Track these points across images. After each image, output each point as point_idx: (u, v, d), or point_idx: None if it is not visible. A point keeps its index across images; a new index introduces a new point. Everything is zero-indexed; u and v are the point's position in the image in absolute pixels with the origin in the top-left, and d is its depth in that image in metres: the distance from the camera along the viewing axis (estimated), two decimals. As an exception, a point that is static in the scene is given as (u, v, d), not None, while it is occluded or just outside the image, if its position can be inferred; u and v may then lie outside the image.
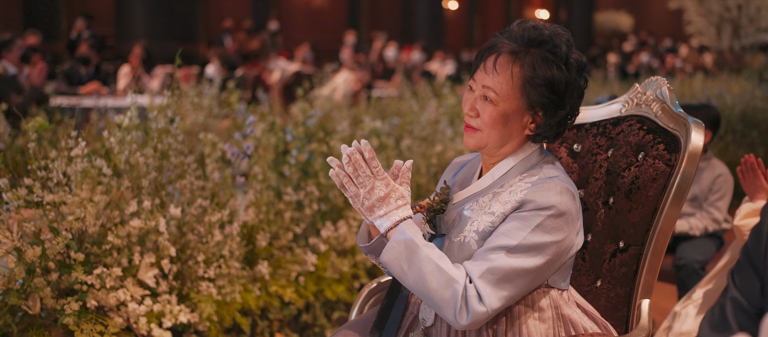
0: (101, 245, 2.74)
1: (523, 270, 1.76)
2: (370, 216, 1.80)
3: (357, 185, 1.80)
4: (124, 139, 3.08)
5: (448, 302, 1.73)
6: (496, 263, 1.75)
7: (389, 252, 1.78)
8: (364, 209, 1.80)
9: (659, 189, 2.00)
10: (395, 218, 1.79)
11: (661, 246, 2.00)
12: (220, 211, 3.08)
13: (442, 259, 1.76)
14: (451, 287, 1.73)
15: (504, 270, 1.74)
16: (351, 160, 1.78)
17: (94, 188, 2.79)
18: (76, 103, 7.21)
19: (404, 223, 1.79)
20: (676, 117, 2.06)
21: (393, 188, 1.80)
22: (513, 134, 1.86)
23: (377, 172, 1.79)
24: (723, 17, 15.53)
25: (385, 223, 1.79)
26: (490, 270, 1.74)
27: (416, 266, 1.75)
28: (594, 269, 2.14)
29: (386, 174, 1.81)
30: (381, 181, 1.79)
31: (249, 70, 9.36)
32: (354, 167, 1.79)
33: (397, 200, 1.80)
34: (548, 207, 1.78)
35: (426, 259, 1.75)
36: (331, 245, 3.69)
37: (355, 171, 1.79)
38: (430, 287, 1.74)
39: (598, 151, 2.19)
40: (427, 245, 1.77)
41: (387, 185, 1.79)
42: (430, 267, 1.74)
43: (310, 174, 3.71)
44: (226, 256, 3.11)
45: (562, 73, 1.82)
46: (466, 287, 1.73)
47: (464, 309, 1.73)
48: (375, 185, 1.78)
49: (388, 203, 1.79)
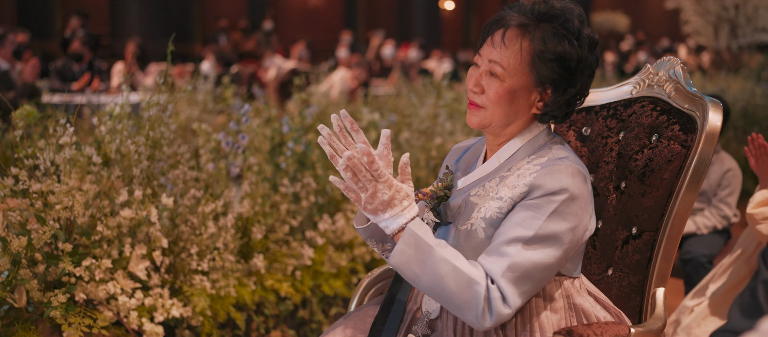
0: (90, 236, 2.64)
1: (542, 265, 1.67)
2: (376, 218, 1.71)
3: (358, 190, 1.70)
4: (115, 127, 2.98)
5: (468, 304, 1.64)
6: (516, 259, 1.65)
7: (399, 255, 1.68)
8: (368, 212, 1.70)
9: (675, 172, 1.91)
10: (402, 221, 1.69)
11: (676, 232, 1.91)
12: (214, 201, 2.99)
13: (458, 258, 1.67)
14: (472, 288, 1.63)
15: (524, 266, 1.65)
16: (349, 166, 1.67)
17: (83, 177, 2.69)
18: (68, 100, 7.11)
19: (412, 223, 1.69)
20: (691, 97, 1.97)
21: (397, 189, 1.70)
22: (519, 112, 1.77)
23: (378, 175, 1.67)
24: (720, 17, 15.49)
25: (392, 225, 1.69)
26: (510, 267, 1.65)
27: (431, 268, 1.65)
28: (605, 257, 2.05)
29: (388, 175, 1.70)
30: (383, 183, 1.68)
31: (244, 67, 9.27)
32: (353, 172, 1.67)
33: (402, 201, 1.70)
34: (560, 191, 1.68)
35: (441, 260, 1.65)
36: (328, 239, 3.61)
37: (355, 176, 1.68)
38: (449, 290, 1.64)
39: (608, 134, 2.10)
40: (440, 244, 1.68)
41: (390, 187, 1.69)
42: (446, 269, 1.64)
43: (307, 165, 3.62)
44: (220, 248, 3.02)
45: (573, 49, 1.73)
46: (488, 288, 1.64)
47: (487, 312, 1.64)
48: (377, 188, 1.68)
49: (393, 205, 1.69)
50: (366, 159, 1.66)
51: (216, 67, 8.30)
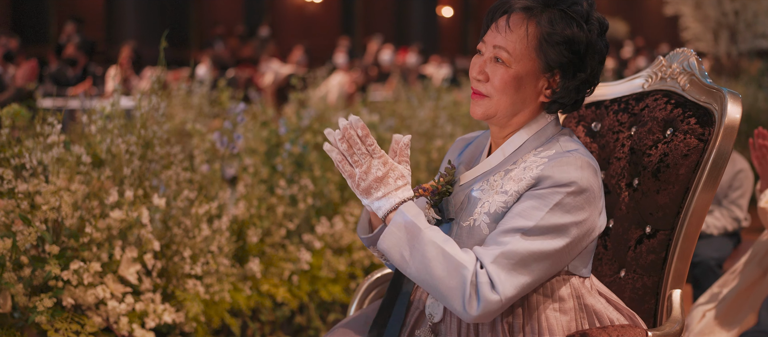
0: (79, 238, 2.54)
1: (541, 253, 1.58)
2: (368, 198, 1.63)
3: (352, 165, 1.62)
4: (106, 126, 2.89)
5: (455, 290, 1.56)
6: (511, 247, 1.57)
7: (388, 237, 1.60)
8: (360, 191, 1.63)
9: (691, 167, 1.81)
10: (394, 201, 1.61)
11: (693, 230, 1.82)
12: (208, 203, 2.89)
13: (448, 242, 1.59)
14: (459, 273, 1.55)
15: (520, 254, 1.57)
16: (345, 136, 1.61)
17: (72, 178, 2.60)
18: (62, 104, 7.03)
19: (404, 205, 1.61)
20: (707, 89, 1.88)
21: (392, 167, 1.62)
22: (526, 101, 1.69)
23: (373, 150, 1.61)
24: (720, 23, 15.44)
25: (384, 205, 1.62)
26: (504, 254, 1.57)
27: (419, 251, 1.57)
28: (617, 258, 1.96)
29: (384, 152, 1.63)
30: (378, 159, 1.61)
31: (241, 72, 9.20)
32: (349, 144, 1.61)
33: (396, 180, 1.62)
34: (568, 183, 1.60)
35: (429, 243, 1.57)
36: (326, 243, 3.53)
37: (350, 148, 1.61)
38: (435, 275, 1.56)
39: (619, 129, 2.00)
40: (430, 228, 1.60)
41: (385, 164, 1.61)
42: (434, 252, 1.56)
43: (305, 167, 3.53)
44: (214, 252, 2.93)
45: (582, 32, 1.64)
46: (476, 272, 1.55)
47: (474, 297, 1.55)
48: (372, 164, 1.61)
49: (387, 183, 1.61)
50: (361, 132, 1.60)
51: (212, 71, 8.23)
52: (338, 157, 1.63)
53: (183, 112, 5.63)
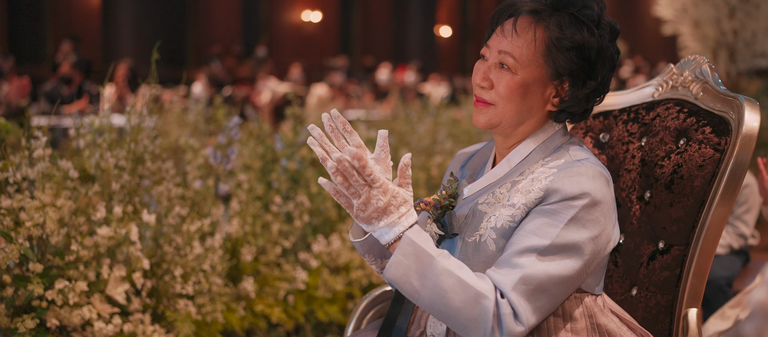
0: (64, 256, 2.44)
1: (559, 276, 1.49)
2: (369, 227, 1.52)
3: (349, 196, 1.51)
4: (95, 141, 2.80)
5: (475, 322, 1.46)
6: (529, 271, 1.48)
7: (395, 267, 1.49)
8: (360, 220, 1.52)
9: (707, 178, 1.72)
10: (399, 229, 1.51)
11: (710, 246, 1.72)
12: (201, 220, 2.79)
13: (463, 269, 1.49)
14: (479, 303, 1.46)
15: (538, 278, 1.47)
16: (339, 169, 1.49)
17: (58, 193, 2.50)
18: (56, 123, 6.94)
19: (410, 230, 1.51)
20: (722, 97, 1.79)
21: (393, 194, 1.51)
22: (533, 109, 1.60)
23: (372, 180, 1.49)
24: (719, 42, 15.44)
25: (387, 234, 1.52)
26: (523, 279, 1.47)
27: (432, 281, 1.47)
28: (628, 275, 1.86)
29: (384, 179, 1.51)
30: (378, 189, 1.50)
31: (238, 90, 9.14)
32: (343, 177, 1.50)
33: (399, 207, 1.52)
34: (580, 195, 1.51)
35: (444, 272, 1.47)
36: (323, 261, 3.44)
37: (345, 181, 1.50)
38: (453, 306, 1.47)
39: (629, 140, 1.91)
40: (442, 255, 1.50)
41: (386, 193, 1.50)
42: (450, 281, 1.46)
43: (301, 183, 3.44)
44: (206, 271, 2.83)
45: (593, 37, 1.56)
46: (497, 302, 1.46)
47: (497, 330, 1.46)
48: (371, 194, 1.50)
49: (389, 212, 1.51)
50: (358, 163, 1.48)
51: (208, 89, 8.16)
52: (333, 190, 1.53)
53: (178, 130, 5.55)
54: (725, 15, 14.27)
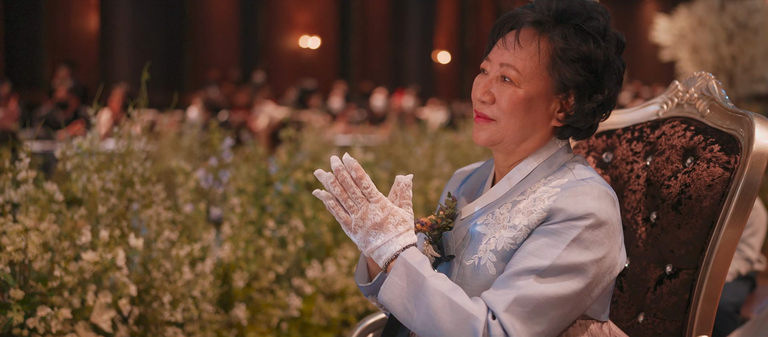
0: (47, 282, 2.35)
1: (558, 298, 1.41)
2: (366, 247, 1.47)
3: (347, 210, 1.45)
4: (83, 163, 2.72)
5: None
6: (525, 291, 1.40)
7: (389, 288, 1.44)
8: (357, 238, 1.47)
9: (716, 198, 1.64)
10: (395, 248, 1.45)
11: (720, 269, 1.64)
12: (191, 244, 2.71)
13: (456, 292, 1.42)
14: (469, 325, 1.39)
15: (535, 300, 1.40)
16: (337, 179, 1.45)
17: (43, 217, 2.42)
18: (50, 148, 6.87)
19: (407, 251, 1.45)
20: (731, 114, 1.71)
21: (391, 211, 1.46)
22: (536, 125, 1.53)
23: (369, 193, 1.45)
24: (718, 68, 15.44)
25: (384, 253, 1.46)
26: (517, 301, 1.39)
27: (424, 303, 1.41)
28: (635, 301, 1.77)
29: (382, 195, 1.47)
30: (375, 203, 1.45)
31: (235, 115, 9.09)
32: (342, 187, 1.46)
33: (397, 226, 1.46)
34: (585, 216, 1.43)
35: (435, 293, 1.40)
36: (318, 288, 3.37)
37: (344, 193, 1.46)
38: (442, 327, 1.40)
39: (634, 159, 1.84)
40: (436, 276, 1.43)
41: (383, 209, 1.45)
42: (440, 302, 1.40)
43: (295, 207, 3.37)
44: (196, 297, 2.75)
45: (600, 49, 1.49)
46: (488, 324, 1.39)
47: None
48: (369, 208, 1.45)
49: (386, 229, 1.45)
50: (355, 174, 1.44)
51: (204, 113, 8.11)
52: (331, 203, 1.48)
53: (173, 154, 5.49)
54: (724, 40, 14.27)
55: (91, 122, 2.86)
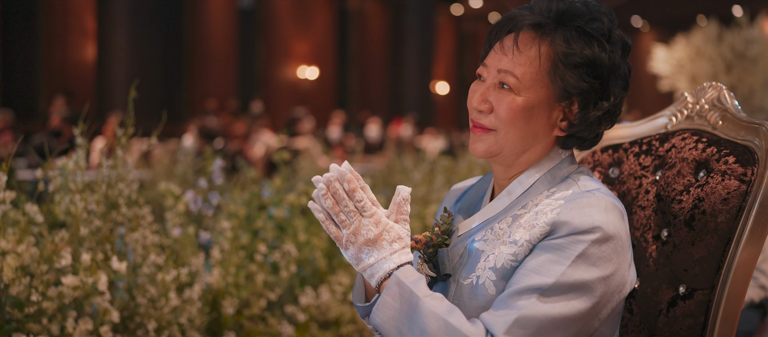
0: (24, 308, 2.24)
1: (563, 319, 1.30)
2: (358, 265, 1.37)
3: (338, 225, 1.35)
4: (66, 184, 2.62)
5: None
6: (527, 312, 1.30)
7: (382, 310, 1.34)
8: (349, 255, 1.37)
9: (733, 213, 1.54)
10: (389, 266, 1.35)
11: (739, 290, 1.53)
12: (178, 269, 2.60)
13: (453, 313, 1.32)
14: None
15: (538, 321, 1.30)
16: (329, 191, 1.35)
17: (21, 239, 2.31)
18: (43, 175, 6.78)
19: (401, 270, 1.35)
20: (746, 124, 1.62)
21: (386, 227, 1.36)
22: (538, 135, 1.43)
23: (363, 207, 1.35)
24: (717, 98, 15.38)
25: (377, 272, 1.36)
26: (518, 322, 1.29)
27: (418, 326, 1.30)
28: (646, 324, 1.66)
29: (376, 209, 1.36)
30: (369, 218, 1.36)
31: (231, 143, 9.03)
32: (334, 200, 1.36)
33: (392, 243, 1.36)
34: (591, 229, 1.33)
35: (430, 314, 1.30)
36: (311, 315, 3.26)
37: (336, 205, 1.35)
38: None
39: (642, 174, 1.74)
40: (431, 296, 1.33)
41: (377, 224, 1.35)
42: (436, 325, 1.30)
43: (288, 232, 3.26)
44: (183, 325, 2.64)
45: (604, 52, 1.40)
46: None
47: None
48: (362, 223, 1.35)
49: (380, 246, 1.35)
50: (347, 186, 1.33)
51: (199, 141, 8.05)
52: (322, 216, 1.37)
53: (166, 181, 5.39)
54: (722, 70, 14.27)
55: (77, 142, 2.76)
